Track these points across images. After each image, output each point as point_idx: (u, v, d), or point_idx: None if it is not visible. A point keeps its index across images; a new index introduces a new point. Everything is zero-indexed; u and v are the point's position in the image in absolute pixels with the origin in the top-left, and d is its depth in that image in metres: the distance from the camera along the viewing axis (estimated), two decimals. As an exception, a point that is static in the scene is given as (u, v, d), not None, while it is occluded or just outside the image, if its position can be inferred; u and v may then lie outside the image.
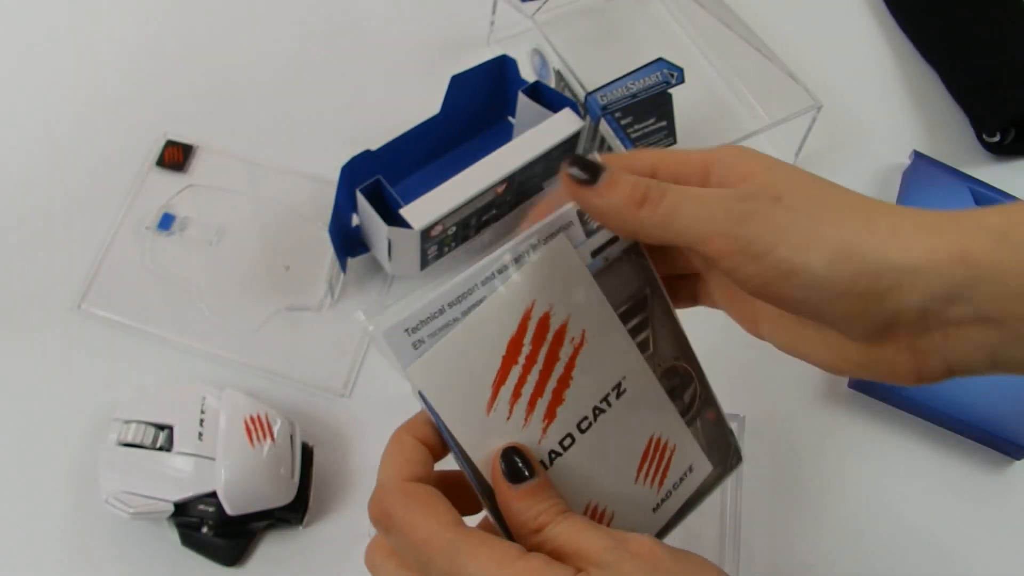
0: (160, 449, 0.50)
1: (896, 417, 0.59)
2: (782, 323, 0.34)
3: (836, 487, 0.57)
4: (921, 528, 0.56)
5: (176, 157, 0.65)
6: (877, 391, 0.59)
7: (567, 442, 0.34)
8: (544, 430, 0.33)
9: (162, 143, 0.65)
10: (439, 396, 0.31)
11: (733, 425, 0.56)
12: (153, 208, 0.63)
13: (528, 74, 0.67)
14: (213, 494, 0.49)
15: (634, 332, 0.35)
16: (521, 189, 0.60)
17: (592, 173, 0.32)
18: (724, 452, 0.40)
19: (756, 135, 0.63)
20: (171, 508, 0.49)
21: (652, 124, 0.61)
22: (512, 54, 0.64)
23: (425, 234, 0.55)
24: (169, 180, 0.64)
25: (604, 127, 0.60)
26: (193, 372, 0.57)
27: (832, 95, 0.66)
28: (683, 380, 0.37)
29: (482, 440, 0.32)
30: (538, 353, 0.33)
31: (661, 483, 0.36)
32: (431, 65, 0.71)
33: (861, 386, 0.59)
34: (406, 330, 0.31)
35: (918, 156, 0.68)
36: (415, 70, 0.71)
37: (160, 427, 0.51)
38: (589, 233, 0.34)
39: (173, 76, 0.70)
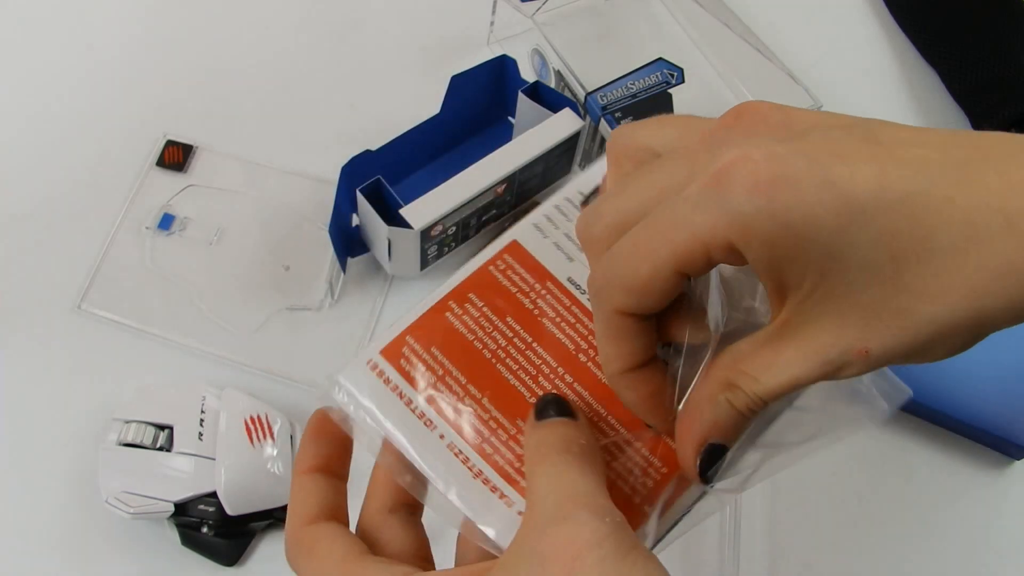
0: (160, 449, 0.50)
1: (896, 417, 0.59)
2: None
3: (835, 487, 0.57)
4: (920, 528, 0.56)
5: (176, 157, 0.65)
6: (877, 391, 0.59)
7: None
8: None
9: (162, 143, 0.65)
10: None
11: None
12: (153, 208, 0.63)
13: (528, 74, 0.67)
14: (213, 494, 0.49)
15: None
16: (521, 189, 0.60)
17: None
18: None
19: (756, 135, 0.63)
20: (171, 508, 0.49)
21: (652, 124, 0.61)
22: (512, 54, 0.64)
23: (425, 234, 0.55)
24: (169, 180, 0.64)
25: (604, 127, 0.60)
26: (193, 372, 0.57)
27: (832, 95, 0.66)
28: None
29: None
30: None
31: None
32: (431, 65, 0.71)
33: (861, 386, 0.59)
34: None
35: (918, 156, 0.67)
36: (415, 70, 0.71)
37: (160, 427, 0.51)
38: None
39: (173, 76, 0.70)
